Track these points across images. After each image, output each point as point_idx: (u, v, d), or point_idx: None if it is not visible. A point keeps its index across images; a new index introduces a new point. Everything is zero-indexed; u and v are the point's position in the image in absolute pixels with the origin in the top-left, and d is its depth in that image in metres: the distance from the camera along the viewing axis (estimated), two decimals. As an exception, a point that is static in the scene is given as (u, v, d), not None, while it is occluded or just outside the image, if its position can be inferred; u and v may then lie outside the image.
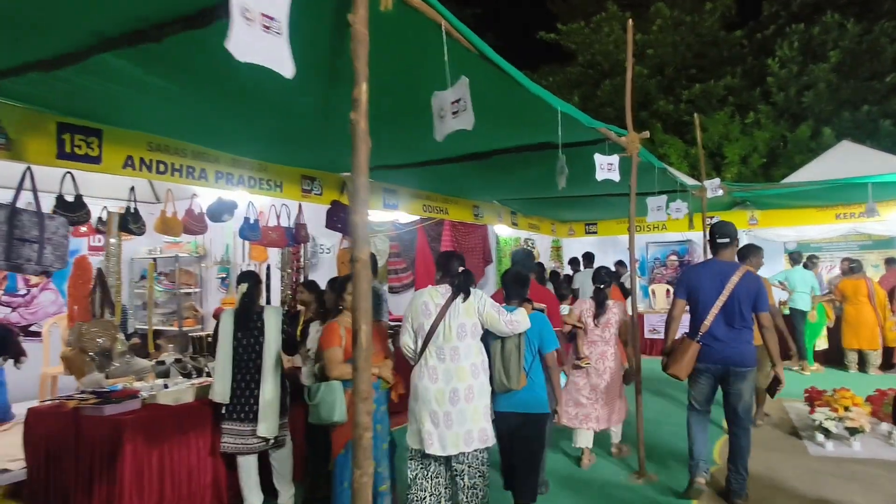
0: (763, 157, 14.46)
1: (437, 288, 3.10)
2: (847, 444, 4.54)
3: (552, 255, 10.88)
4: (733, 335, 3.68)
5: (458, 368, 2.94)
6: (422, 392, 2.95)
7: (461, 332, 2.97)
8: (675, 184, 6.20)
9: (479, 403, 2.96)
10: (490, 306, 3.05)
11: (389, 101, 3.29)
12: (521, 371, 3.11)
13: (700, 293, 3.78)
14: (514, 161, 5.09)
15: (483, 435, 2.96)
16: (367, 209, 1.76)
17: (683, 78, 17.17)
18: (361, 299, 1.70)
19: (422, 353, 3.00)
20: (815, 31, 14.97)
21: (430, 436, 2.90)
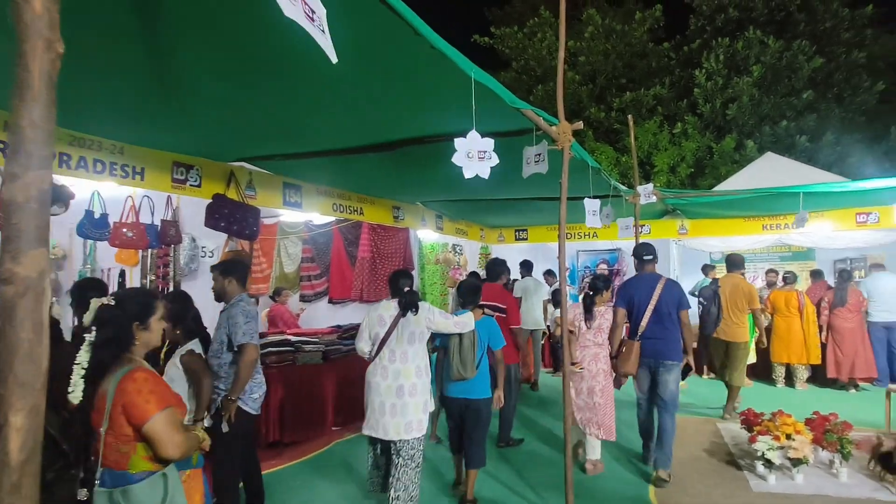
0: (690, 167, 14.60)
1: (390, 302, 3.63)
2: (789, 477, 4.15)
3: (480, 262, 10.32)
4: (664, 333, 4.45)
5: (406, 369, 3.50)
6: (374, 387, 3.52)
7: (411, 338, 3.53)
8: (609, 187, 5.73)
9: (419, 399, 3.49)
10: (438, 315, 3.66)
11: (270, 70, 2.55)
12: (474, 364, 3.77)
13: (636, 301, 4.58)
14: (433, 155, 4.40)
15: (420, 425, 3.48)
16: (42, 171, 0.96)
17: (614, 87, 17.24)
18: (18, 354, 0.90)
19: (377, 355, 3.54)
20: (739, 45, 15.33)
21: (377, 423, 3.46)
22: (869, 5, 15.87)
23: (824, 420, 4.34)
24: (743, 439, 4.90)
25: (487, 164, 2.73)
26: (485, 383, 3.88)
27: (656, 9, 17.25)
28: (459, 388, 3.82)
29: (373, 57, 2.45)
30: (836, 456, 4.19)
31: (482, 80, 2.55)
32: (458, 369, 3.73)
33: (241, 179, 4.64)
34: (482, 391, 3.86)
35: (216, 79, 2.79)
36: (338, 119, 3.55)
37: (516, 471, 4.57)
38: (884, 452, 3.81)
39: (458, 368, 3.73)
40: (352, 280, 7.62)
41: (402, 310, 3.53)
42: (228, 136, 3.93)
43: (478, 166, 2.73)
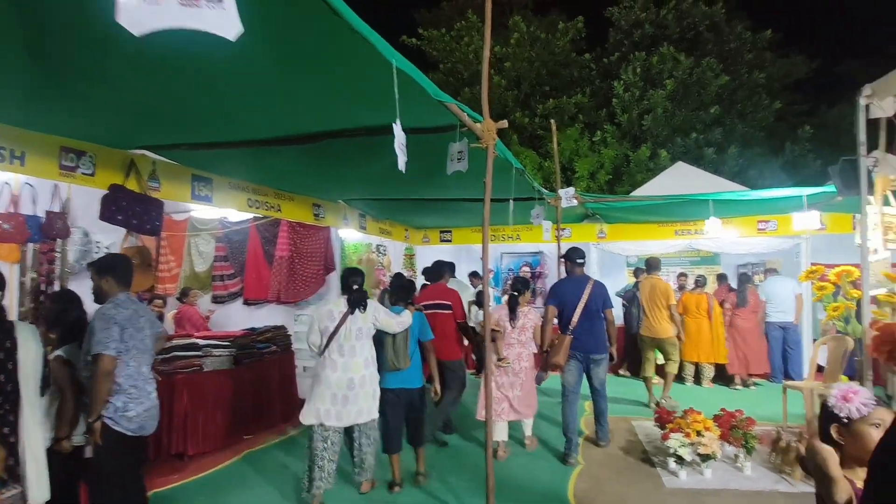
0: (609, 174, 15.15)
1: (341, 298, 3.93)
2: (699, 472, 4.30)
3: (405, 263, 10.18)
4: (592, 329, 4.99)
5: (354, 362, 3.81)
6: (324, 379, 3.77)
7: (358, 334, 3.85)
8: (532, 189, 5.77)
9: (368, 388, 3.86)
10: (384, 314, 4.02)
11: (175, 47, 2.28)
12: (407, 356, 4.14)
13: (567, 300, 5.06)
14: (355, 150, 4.23)
15: (371, 411, 3.89)
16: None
17: (538, 94, 17.64)
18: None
19: (326, 349, 3.79)
20: (654, 60, 16.10)
21: (328, 413, 3.74)
22: (768, 30, 17.19)
23: (730, 416, 4.54)
24: (656, 436, 5.05)
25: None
26: (417, 373, 4.29)
27: (578, 20, 17.82)
28: (397, 378, 4.17)
29: (287, 37, 2.26)
30: (740, 451, 4.39)
31: (405, 68, 2.42)
32: (392, 360, 4.09)
33: (142, 169, 4.25)
34: (416, 381, 4.27)
35: (111, 56, 2.49)
36: (252, 107, 3.29)
37: (438, 472, 4.47)
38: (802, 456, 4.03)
39: (392, 360, 4.09)
40: (269, 280, 7.26)
41: (351, 307, 3.84)
42: (128, 120, 3.56)
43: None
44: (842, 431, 1.62)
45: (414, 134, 3.54)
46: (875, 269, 5.08)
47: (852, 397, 1.61)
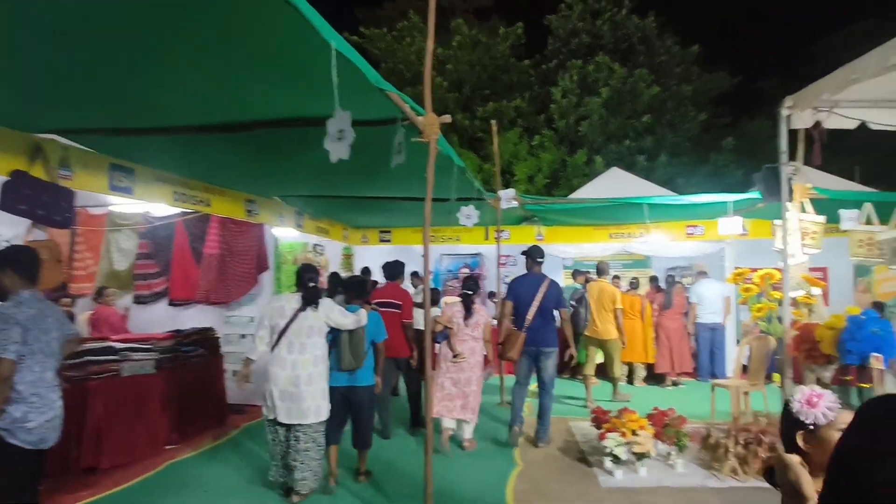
0: (547, 178, 15.43)
1: (293, 295, 3.91)
2: (634, 471, 4.37)
3: (343, 263, 9.93)
4: (545, 325, 5.19)
5: (304, 359, 3.77)
6: (273, 376, 3.76)
7: (309, 331, 3.81)
8: (473, 189, 5.72)
9: (316, 387, 3.80)
10: (337, 312, 3.96)
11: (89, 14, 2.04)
12: (363, 354, 4.09)
13: (522, 297, 5.25)
14: (292, 142, 4.04)
15: (318, 411, 3.81)
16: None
17: (479, 97, 17.76)
18: None
19: (276, 345, 3.76)
20: (590, 68, 16.57)
21: (277, 408, 3.74)
22: (696, 45, 18.08)
23: (663, 415, 4.65)
24: (592, 436, 5.10)
25: (346, 143, 2.46)
26: (369, 372, 4.25)
27: (518, 27, 18.10)
28: (345, 377, 4.11)
29: (213, 4, 2.06)
30: (673, 448, 4.50)
31: (345, 52, 2.29)
32: (349, 360, 4.01)
33: (51, 155, 3.86)
34: (367, 379, 4.22)
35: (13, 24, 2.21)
36: (177, 88, 3.05)
37: (376, 472, 4.33)
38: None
39: (349, 360, 4.01)
40: (197, 279, 6.85)
41: (304, 303, 3.81)
42: (31, 98, 3.22)
43: (339, 147, 2.45)
44: (808, 438, 1.50)
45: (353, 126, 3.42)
46: (794, 272, 5.37)
47: (817, 402, 1.51)
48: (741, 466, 4.22)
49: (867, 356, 4.13)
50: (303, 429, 3.78)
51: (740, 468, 4.22)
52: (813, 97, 4.85)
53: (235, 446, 5.20)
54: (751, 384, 5.59)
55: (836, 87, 4.47)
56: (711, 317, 8.02)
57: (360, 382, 4.17)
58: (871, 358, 4.13)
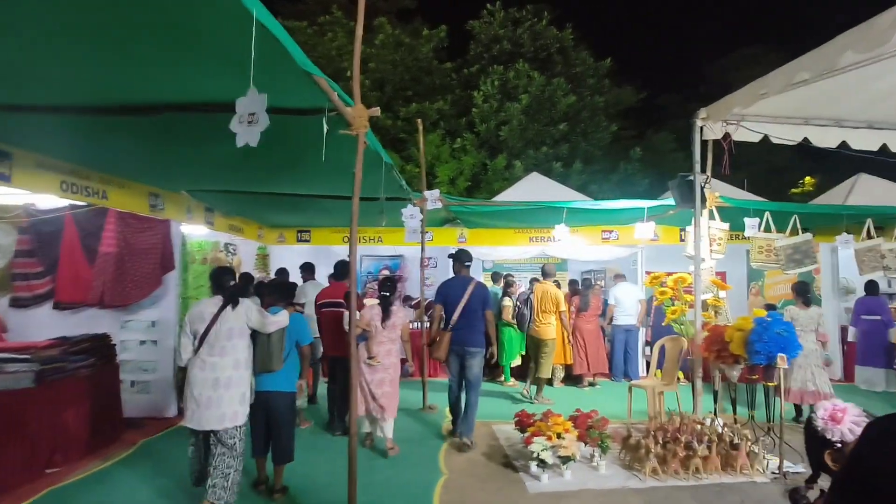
0: (468, 181, 15.52)
1: (211, 299, 3.80)
2: (559, 474, 4.36)
3: (257, 263, 9.40)
4: (471, 326, 5.34)
5: (222, 362, 3.65)
6: (192, 379, 3.64)
7: (229, 334, 3.69)
8: (400, 188, 5.55)
9: (235, 391, 3.66)
10: (257, 313, 3.83)
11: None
12: (281, 357, 3.95)
13: (450, 299, 5.43)
14: (203, 129, 3.68)
15: (235, 416, 3.65)
16: None
17: (401, 98, 17.60)
18: None
19: (197, 350, 3.67)
20: (511, 75, 16.89)
21: (193, 413, 3.60)
22: (608, 59, 18.92)
23: (586, 417, 4.69)
24: (517, 440, 5.08)
25: (257, 129, 2.21)
26: (291, 378, 4.09)
27: (441, 29, 18.14)
28: (265, 381, 3.94)
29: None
30: (596, 450, 4.54)
31: (268, 24, 2.04)
32: (264, 361, 3.86)
33: None
34: (286, 385, 4.04)
35: None
36: (68, 60, 2.65)
37: (296, 483, 4.05)
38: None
39: (264, 360, 3.86)
40: (90, 281, 6.17)
41: (225, 303, 3.72)
42: None
43: (247, 132, 2.19)
44: (837, 457, 1.38)
45: (272, 114, 3.14)
46: (703, 276, 5.64)
47: (841, 417, 1.40)
48: (661, 466, 4.32)
49: (774, 356, 4.37)
50: (220, 435, 3.62)
51: (660, 468, 4.31)
52: (725, 110, 5.10)
53: (131, 466, 4.69)
54: (665, 384, 5.80)
55: (746, 100, 4.72)
56: (627, 319, 8.30)
57: (277, 388, 3.98)
58: (777, 358, 4.37)
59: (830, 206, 8.55)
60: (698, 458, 4.27)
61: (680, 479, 4.26)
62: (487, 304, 5.48)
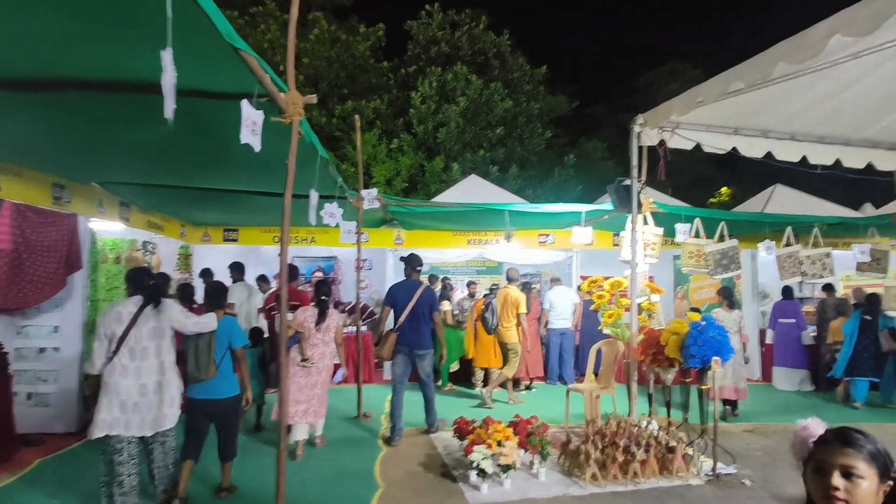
0: (405, 182, 15.31)
1: (130, 299, 3.61)
2: (499, 483, 4.23)
3: (179, 263, 8.78)
4: (418, 329, 5.56)
5: (147, 365, 3.52)
6: (112, 386, 3.44)
7: (151, 335, 3.56)
8: (335, 186, 5.28)
9: (165, 395, 3.55)
10: (178, 312, 3.69)
11: None
12: (212, 364, 3.82)
13: (399, 301, 5.62)
14: (115, 112, 3.30)
15: (165, 419, 3.54)
16: None
17: (336, 95, 17.16)
18: None
19: (115, 354, 3.47)
20: (449, 77, 16.83)
21: (117, 421, 3.42)
22: (543, 66, 19.25)
23: (526, 423, 4.60)
24: (455, 448, 4.92)
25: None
26: (230, 382, 3.97)
27: (379, 28, 17.85)
28: (203, 388, 3.84)
29: None
30: (536, 457, 4.46)
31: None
32: (193, 371, 3.77)
33: None
34: (228, 390, 3.95)
35: None
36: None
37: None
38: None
39: (193, 370, 3.77)
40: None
41: (146, 303, 3.58)
42: None
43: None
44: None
45: (195, 97, 2.85)
46: (639, 280, 5.72)
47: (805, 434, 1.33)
48: (600, 471, 4.28)
49: (708, 359, 4.45)
50: (155, 437, 3.59)
51: (599, 473, 4.28)
52: (662, 116, 5.17)
53: (25, 489, 4.17)
54: (601, 388, 5.83)
55: (683, 107, 4.80)
56: (562, 322, 8.35)
57: (221, 395, 3.91)
58: (711, 361, 4.45)
59: (755, 213, 8.97)
60: (637, 463, 4.27)
61: (619, 485, 4.23)
62: (435, 308, 5.67)
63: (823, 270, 6.84)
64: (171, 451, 3.74)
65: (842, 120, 5.45)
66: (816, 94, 4.82)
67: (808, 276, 6.78)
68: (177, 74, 1.96)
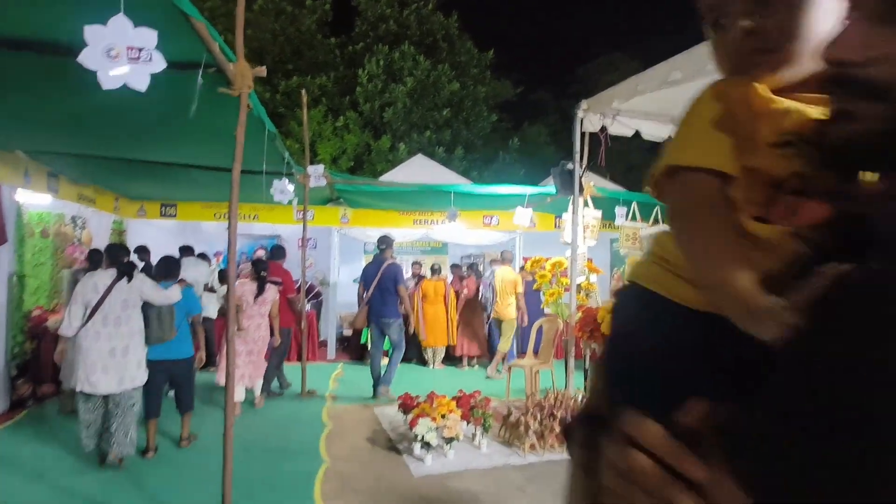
0: (351, 161, 15.13)
1: (105, 271, 4.13)
2: (443, 454, 4.37)
3: (112, 239, 8.40)
4: (384, 300, 6.35)
5: (119, 332, 4.00)
6: (86, 349, 3.92)
7: (124, 305, 4.03)
8: (283, 161, 5.20)
9: (132, 357, 4.04)
10: (150, 286, 4.21)
11: None
12: (173, 327, 4.33)
13: (367, 277, 6.50)
14: (41, 74, 3.13)
15: (133, 380, 4.03)
16: None
17: (281, 71, 16.67)
18: None
19: (90, 320, 3.93)
20: (396, 56, 16.66)
21: (85, 380, 3.90)
22: (490, 50, 19.35)
23: (469, 397, 4.75)
24: (399, 422, 5.03)
25: (146, 70, 1.89)
26: (186, 344, 4.53)
27: (326, 1, 17.40)
28: (163, 349, 4.31)
29: None
30: (478, 429, 4.62)
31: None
32: (156, 332, 4.21)
33: None
34: (185, 351, 4.51)
35: None
36: None
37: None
38: (566, 426, 4.31)
39: (156, 331, 4.21)
40: None
41: (120, 276, 4.03)
42: None
43: (129, 71, 1.86)
44: None
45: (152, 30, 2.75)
46: (578, 261, 5.96)
47: None
48: (539, 442, 4.49)
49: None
50: (119, 397, 3.97)
51: (538, 443, 4.49)
52: (605, 103, 5.37)
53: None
54: (541, 363, 6.07)
55: (625, 95, 5.01)
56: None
57: (177, 356, 4.44)
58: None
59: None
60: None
61: (556, 454, 4.46)
62: (398, 282, 6.38)
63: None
64: (135, 413, 4.10)
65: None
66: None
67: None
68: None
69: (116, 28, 1.83)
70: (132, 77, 1.85)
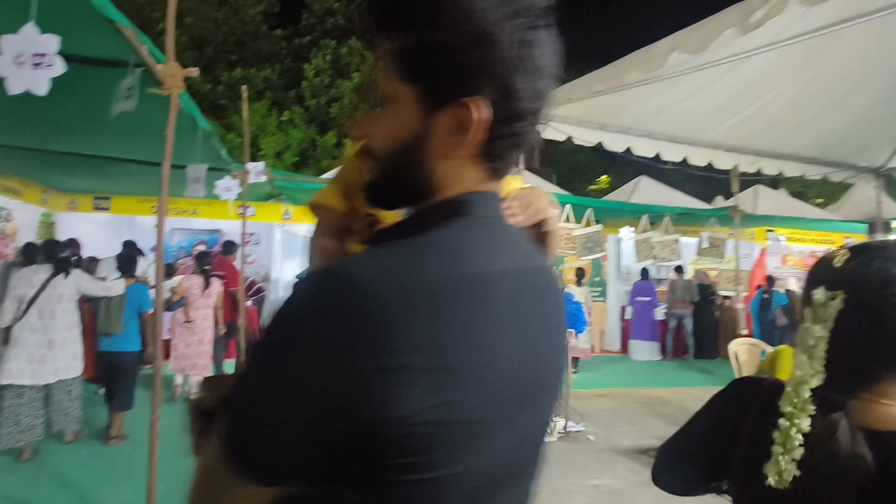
0: (296, 156, 14.99)
1: (41, 266, 4.25)
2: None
3: (40, 232, 8.10)
4: None
5: (54, 324, 4.13)
6: (21, 341, 4.03)
7: (59, 298, 4.15)
8: (220, 158, 5.20)
9: (69, 350, 4.21)
10: (87, 280, 4.47)
11: None
12: (120, 321, 4.44)
13: None
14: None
15: (69, 370, 4.20)
16: None
17: (223, 62, 16.31)
18: None
19: (25, 313, 4.04)
20: (344, 51, 16.60)
21: (22, 372, 4.00)
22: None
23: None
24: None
25: (46, 75, 1.94)
26: (133, 339, 4.62)
27: (272, -8, 17.14)
28: (109, 342, 4.48)
29: None
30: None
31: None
32: (103, 325, 4.39)
33: None
34: (131, 346, 4.61)
35: None
36: None
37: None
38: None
39: (103, 325, 4.39)
40: None
41: (56, 272, 4.15)
42: None
43: (31, 77, 1.91)
44: None
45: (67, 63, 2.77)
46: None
47: None
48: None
49: (566, 331, 5.03)
50: (58, 384, 4.15)
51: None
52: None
53: None
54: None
55: (555, 102, 5.29)
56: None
57: (124, 349, 4.54)
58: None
59: (616, 202, 9.91)
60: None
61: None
62: None
63: (672, 255, 7.79)
64: (77, 400, 4.31)
65: (688, 123, 6.24)
66: (667, 99, 5.49)
67: (659, 260, 7.70)
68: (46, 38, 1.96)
69: (27, 36, 1.88)
70: (34, 82, 1.91)
